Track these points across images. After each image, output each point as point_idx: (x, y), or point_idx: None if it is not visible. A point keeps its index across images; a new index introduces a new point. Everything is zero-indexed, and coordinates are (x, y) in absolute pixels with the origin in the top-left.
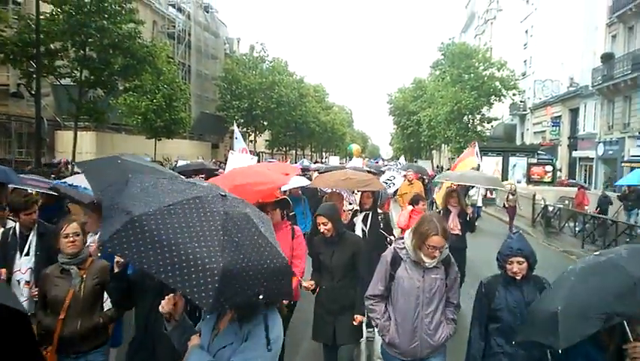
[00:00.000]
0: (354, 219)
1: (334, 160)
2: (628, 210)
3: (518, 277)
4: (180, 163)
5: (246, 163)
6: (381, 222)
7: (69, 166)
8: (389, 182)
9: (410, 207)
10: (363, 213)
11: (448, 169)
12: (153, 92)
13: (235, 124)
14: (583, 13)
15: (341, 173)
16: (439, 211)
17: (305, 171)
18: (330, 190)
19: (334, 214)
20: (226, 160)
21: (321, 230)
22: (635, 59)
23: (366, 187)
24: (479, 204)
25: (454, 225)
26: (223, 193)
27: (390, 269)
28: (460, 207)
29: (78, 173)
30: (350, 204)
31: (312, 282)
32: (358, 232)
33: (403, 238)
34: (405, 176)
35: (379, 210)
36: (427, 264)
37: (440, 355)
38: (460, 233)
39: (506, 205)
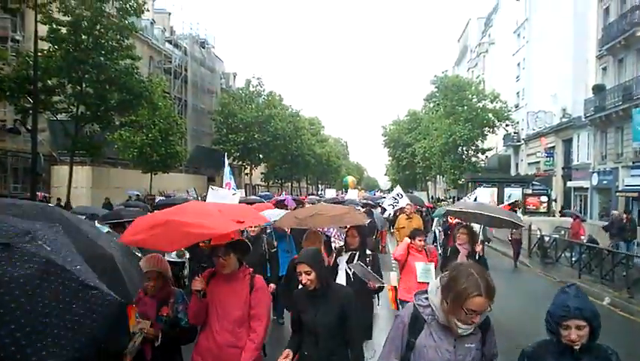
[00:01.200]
0: (338, 260)
1: (331, 193)
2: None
3: (577, 347)
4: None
5: (225, 199)
6: (368, 265)
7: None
8: (395, 201)
9: (408, 240)
10: (349, 254)
11: (442, 200)
12: (149, 127)
13: (226, 157)
14: (573, 46)
15: (309, 209)
16: (445, 251)
17: (279, 204)
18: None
19: (318, 261)
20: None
21: (303, 281)
22: (626, 90)
23: (340, 222)
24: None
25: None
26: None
27: (409, 335)
28: (471, 246)
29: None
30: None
31: (288, 353)
32: (342, 276)
33: (425, 293)
34: (402, 210)
35: (368, 251)
36: (461, 331)
37: None
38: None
39: (510, 238)
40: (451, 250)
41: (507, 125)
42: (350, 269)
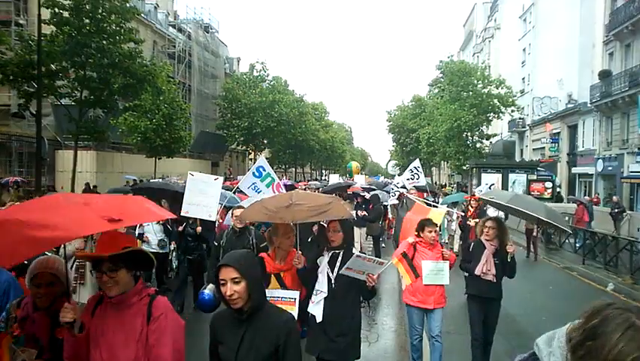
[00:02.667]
0: (318, 261)
1: (334, 178)
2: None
3: None
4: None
5: (207, 186)
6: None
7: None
8: (414, 175)
9: (411, 239)
10: (330, 254)
11: (444, 186)
12: (153, 112)
13: (263, 156)
14: (580, 31)
15: (282, 197)
16: (469, 245)
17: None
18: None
19: (251, 266)
20: (226, 178)
21: (227, 293)
22: (633, 76)
23: (321, 215)
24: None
25: (487, 268)
26: None
27: None
28: (500, 242)
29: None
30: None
31: None
32: (322, 282)
33: (538, 347)
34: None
35: (355, 250)
36: None
37: None
38: (495, 279)
39: (524, 226)
40: (475, 245)
41: (512, 111)
42: (332, 272)
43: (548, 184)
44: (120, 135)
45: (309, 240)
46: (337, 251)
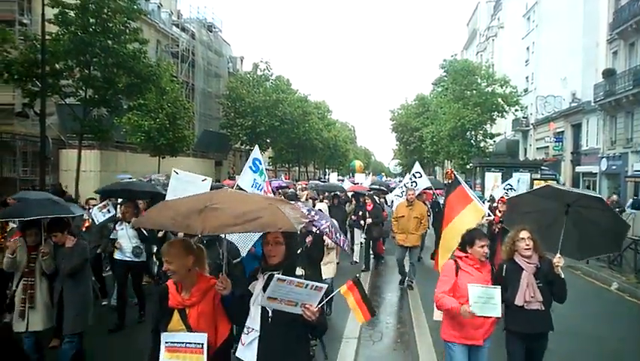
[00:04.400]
0: (251, 287)
1: (334, 177)
2: None
3: None
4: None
5: (192, 186)
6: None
7: None
8: (412, 182)
9: (451, 260)
10: (267, 275)
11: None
12: (157, 111)
13: (257, 147)
14: (583, 30)
15: (202, 198)
16: (501, 270)
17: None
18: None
19: None
20: (230, 176)
21: None
22: (637, 74)
23: (248, 225)
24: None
25: (530, 294)
26: None
27: None
28: (540, 258)
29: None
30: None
31: None
32: (255, 316)
33: None
34: (409, 194)
35: (299, 270)
36: None
37: None
38: (543, 307)
39: None
40: (508, 268)
41: (516, 110)
42: (271, 300)
43: (552, 183)
44: (124, 135)
45: (299, 251)
46: (276, 273)
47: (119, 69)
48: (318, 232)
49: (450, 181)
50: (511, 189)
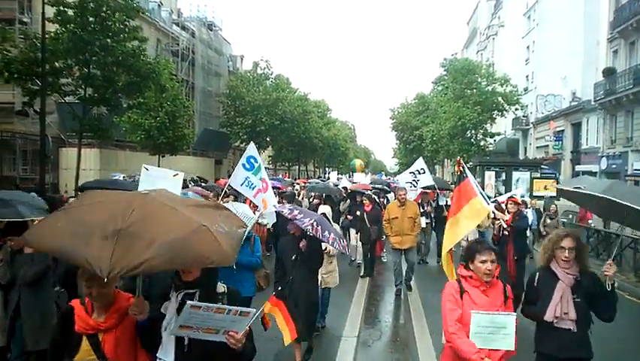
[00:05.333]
0: (163, 308)
1: (334, 176)
2: None
3: None
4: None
5: (162, 182)
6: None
7: None
8: (414, 179)
9: (453, 280)
10: (181, 294)
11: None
12: (156, 110)
13: (252, 143)
14: (584, 29)
15: (118, 209)
16: (533, 278)
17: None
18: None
19: None
20: (230, 175)
21: None
22: (637, 73)
23: (175, 261)
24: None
25: (562, 309)
26: None
27: None
28: (581, 268)
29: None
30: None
31: None
32: (168, 348)
33: None
34: (400, 194)
35: (221, 287)
36: None
37: None
38: (576, 328)
39: (543, 233)
40: (542, 276)
41: (516, 109)
42: (184, 328)
43: None
44: (124, 133)
45: (293, 258)
46: (192, 291)
47: (119, 67)
48: (312, 233)
49: (459, 173)
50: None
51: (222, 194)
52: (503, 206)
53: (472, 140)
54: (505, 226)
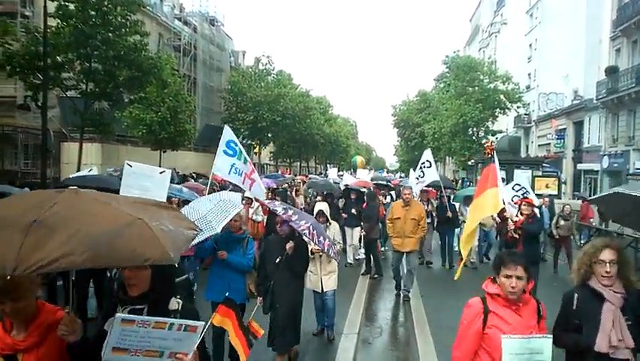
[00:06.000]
0: (107, 325)
1: (333, 172)
2: None
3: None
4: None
5: (147, 179)
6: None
7: None
8: (420, 173)
9: (476, 298)
10: (127, 310)
11: (454, 182)
12: (158, 105)
13: (227, 126)
14: (586, 27)
15: (31, 204)
16: (570, 298)
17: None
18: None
19: None
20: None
21: None
22: (639, 72)
23: (96, 258)
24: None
25: (617, 335)
26: None
27: None
28: (625, 284)
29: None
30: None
31: None
32: None
33: None
34: (405, 193)
35: (174, 303)
36: None
37: None
38: (634, 358)
39: (556, 235)
40: (583, 297)
41: (518, 107)
42: (119, 351)
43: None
44: (125, 128)
45: (277, 260)
46: (139, 307)
47: (120, 62)
48: (301, 234)
49: (489, 156)
50: (525, 191)
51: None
52: (509, 207)
53: (474, 137)
54: (513, 227)
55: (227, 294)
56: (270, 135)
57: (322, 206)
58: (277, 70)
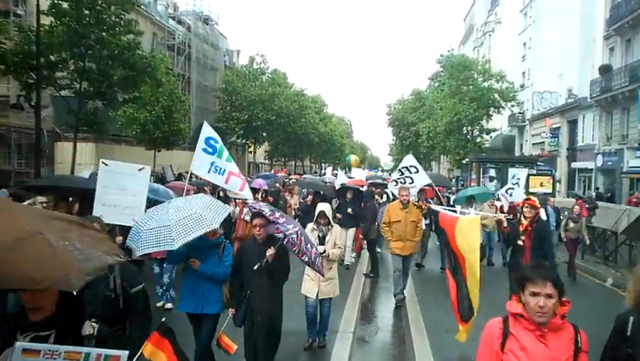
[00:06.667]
0: (2, 357)
1: (329, 172)
2: None
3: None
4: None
5: (125, 178)
6: None
7: None
8: (400, 177)
9: (497, 318)
10: (30, 338)
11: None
12: (152, 104)
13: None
14: (580, 26)
15: None
16: (620, 322)
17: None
18: None
19: None
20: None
21: None
22: (633, 71)
23: None
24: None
25: None
26: None
27: None
28: None
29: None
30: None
31: None
32: None
33: None
34: (403, 194)
35: (89, 328)
36: None
37: None
38: None
39: (564, 238)
40: (637, 324)
41: (512, 106)
42: None
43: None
44: (120, 127)
45: (256, 267)
46: (44, 334)
47: (114, 61)
48: (283, 241)
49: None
50: (516, 184)
51: (185, 192)
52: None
53: (468, 136)
54: (505, 224)
55: (202, 306)
56: (264, 134)
57: (324, 207)
58: (272, 69)
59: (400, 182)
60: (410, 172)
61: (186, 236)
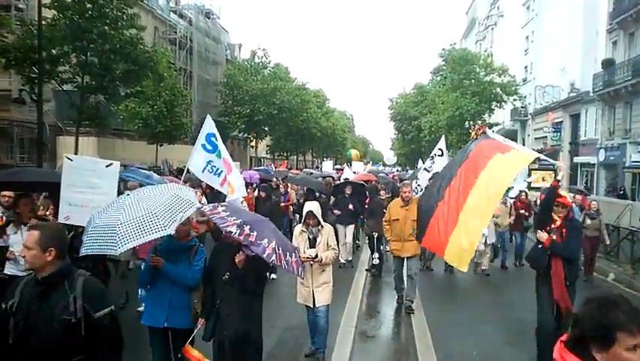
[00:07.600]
0: None
1: (328, 166)
2: None
3: None
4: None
5: (92, 174)
6: None
7: None
8: (431, 163)
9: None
10: None
11: None
12: (154, 98)
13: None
14: (583, 20)
15: None
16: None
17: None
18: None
19: None
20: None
21: None
22: (636, 65)
23: None
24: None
25: None
26: None
27: None
28: None
29: None
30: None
31: None
32: None
33: None
34: (404, 191)
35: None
36: None
37: None
38: None
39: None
40: None
41: (515, 100)
42: None
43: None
44: (121, 122)
45: (226, 276)
46: None
47: (116, 55)
48: (239, 239)
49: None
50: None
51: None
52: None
53: (470, 130)
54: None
55: (166, 318)
56: (266, 129)
57: (312, 206)
58: (274, 63)
59: (430, 167)
60: (436, 155)
61: (131, 241)
